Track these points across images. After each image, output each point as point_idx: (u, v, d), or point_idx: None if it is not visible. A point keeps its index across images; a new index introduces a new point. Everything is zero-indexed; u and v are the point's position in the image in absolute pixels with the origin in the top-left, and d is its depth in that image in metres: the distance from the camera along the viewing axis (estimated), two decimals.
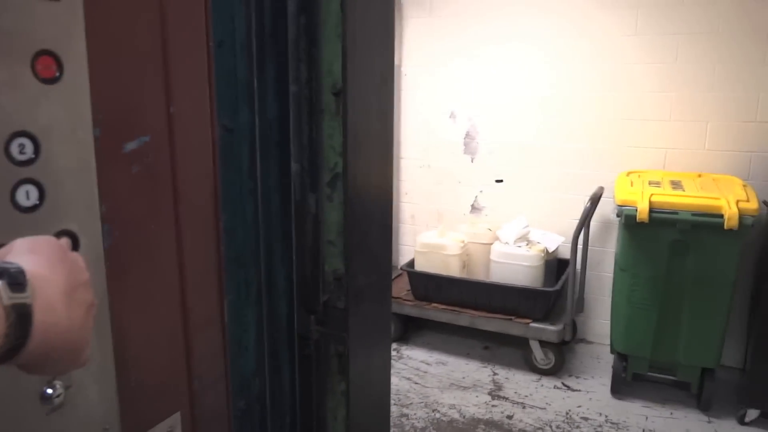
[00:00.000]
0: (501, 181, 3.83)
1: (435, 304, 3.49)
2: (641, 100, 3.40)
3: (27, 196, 0.69)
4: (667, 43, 3.28)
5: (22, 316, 0.47)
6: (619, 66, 3.41)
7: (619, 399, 3.08)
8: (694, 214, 2.68)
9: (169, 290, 0.91)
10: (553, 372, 3.34)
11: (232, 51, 0.96)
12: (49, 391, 0.74)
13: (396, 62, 3.41)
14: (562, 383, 3.27)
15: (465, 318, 3.41)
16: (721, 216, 2.62)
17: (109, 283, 0.80)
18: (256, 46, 1.00)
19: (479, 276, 3.52)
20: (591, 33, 3.45)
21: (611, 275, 3.17)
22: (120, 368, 0.84)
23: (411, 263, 3.71)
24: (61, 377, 0.75)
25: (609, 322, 3.21)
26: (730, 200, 2.65)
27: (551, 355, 3.31)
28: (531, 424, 2.87)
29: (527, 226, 3.52)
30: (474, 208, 3.97)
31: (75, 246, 0.74)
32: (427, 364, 3.49)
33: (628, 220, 2.76)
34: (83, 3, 0.72)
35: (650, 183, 2.99)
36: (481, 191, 3.92)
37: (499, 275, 3.38)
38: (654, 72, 3.34)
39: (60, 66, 0.70)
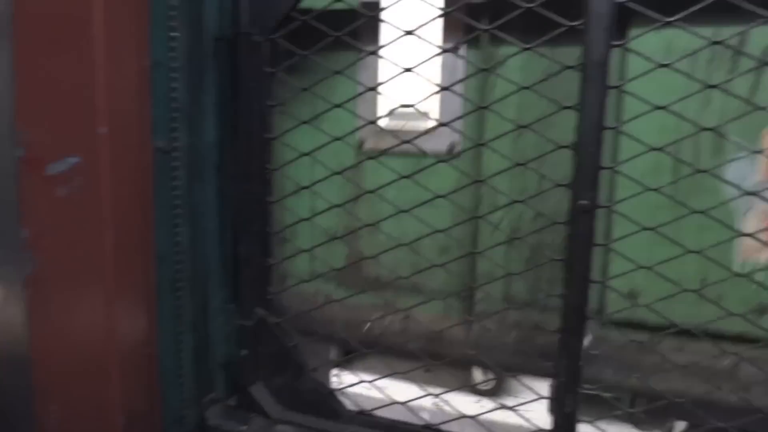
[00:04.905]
0: None
1: None
2: None
3: None
4: None
5: None
6: None
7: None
8: None
9: (96, 319, 0.86)
10: (493, 393, 3.37)
11: (169, 72, 0.93)
12: None
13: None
14: (501, 404, 3.30)
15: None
16: None
17: (30, 313, 0.76)
18: (194, 68, 0.98)
19: None
20: None
21: None
22: (41, 401, 0.78)
23: None
24: None
25: None
26: None
27: (491, 376, 3.35)
28: None
29: None
30: None
31: None
32: (367, 388, 3.46)
33: None
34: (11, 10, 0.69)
35: None
36: None
37: None
38: None
39: None
